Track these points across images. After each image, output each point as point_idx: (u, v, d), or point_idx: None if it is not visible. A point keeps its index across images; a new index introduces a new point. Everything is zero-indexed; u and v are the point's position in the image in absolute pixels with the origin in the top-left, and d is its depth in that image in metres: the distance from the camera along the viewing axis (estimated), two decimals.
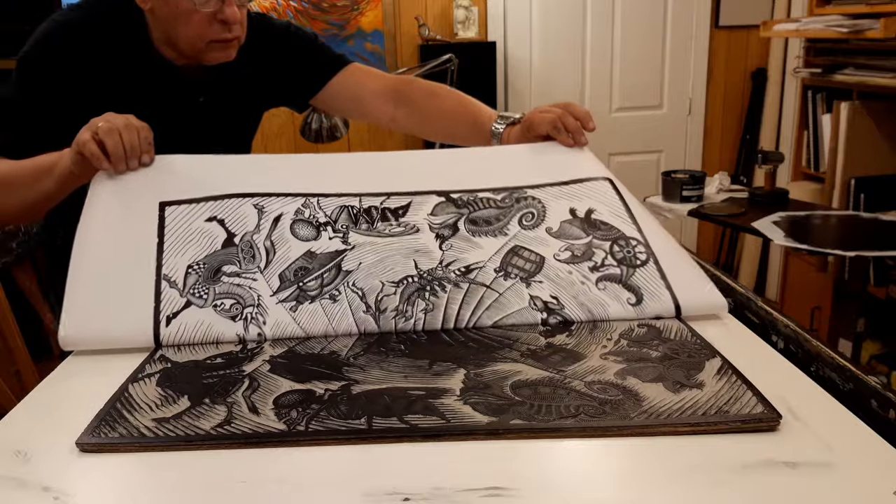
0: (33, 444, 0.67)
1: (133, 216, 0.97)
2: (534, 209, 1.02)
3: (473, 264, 0.95)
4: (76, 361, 0.86)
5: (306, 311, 0.89)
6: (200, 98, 1.23)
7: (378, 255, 0.95)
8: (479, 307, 0.91)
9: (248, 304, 0.89)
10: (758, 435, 0.65)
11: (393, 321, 0.89)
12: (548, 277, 0.94)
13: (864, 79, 2.41)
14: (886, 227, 2.02)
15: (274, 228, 0.97)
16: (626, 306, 0.91)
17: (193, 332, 0.87)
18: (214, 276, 0.91)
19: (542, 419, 0.68)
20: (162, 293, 0.89)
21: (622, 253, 0.97)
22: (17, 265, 1.81)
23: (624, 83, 3.47)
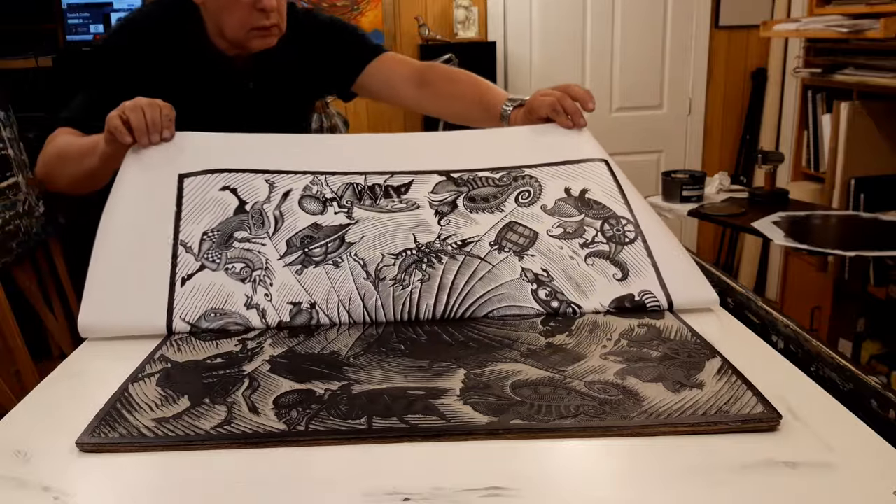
0: (33, 444, 0.67)
1: (154, 188, 1.04)
2: (530, 187, 1.07)
3: (470, 238, 0.99)
4: (76, 361, 0.86)
5: (311, 275, 0.95)
6: (250, 85, 1.33)
7: (380, 229, 1.00)
8: (472, 277, 0.95)
9: (257, 267, 0.95)
10: (758, 435, 0.65)
11: (391, 289, 0.94)
12: (540, 252, 0.98)
13: (864, 79, 2.40)
14: (886, 227, 2.02)
15: (283, 201, 1.03)
16: (612, 281, 0.96)
17: (206, 293, 0.93)
18: (227, 242, 0.98)
19: (542, 419, 0.68)
20: (178, 257, 0.96)
21: (612, 231, 1.01)
22: (17, 265, 1.81)
23: (624, 83, 3.47)
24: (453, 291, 0.94)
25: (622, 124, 3.48)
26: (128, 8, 3.08)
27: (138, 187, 1.05)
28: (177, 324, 0.91)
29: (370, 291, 0.94)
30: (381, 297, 0.93)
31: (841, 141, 2.50)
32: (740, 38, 3.48)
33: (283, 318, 0.92)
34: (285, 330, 0.91)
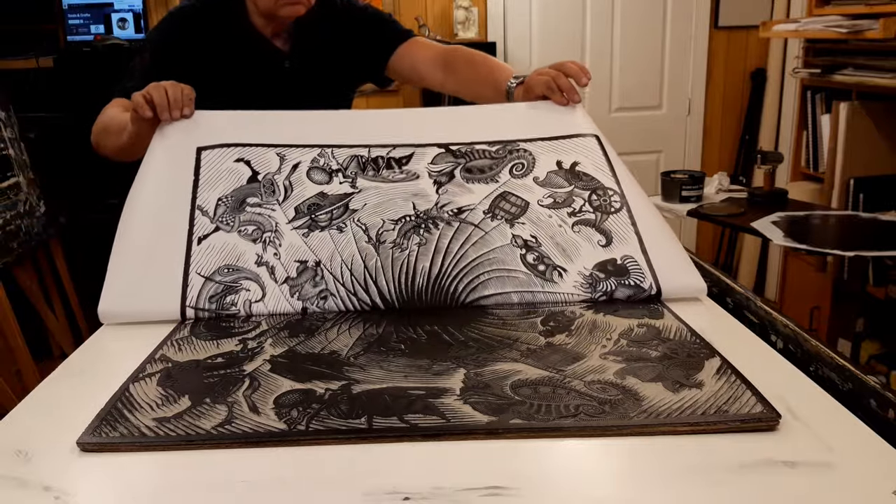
0: (34, 444, 0.67)
1: (176, 160, 1.11)
2: (524, 160, 1.13)
3: (465, 206, 1.06)
4: (77, 361, 0.86)
5: (316, 238, 1.02)
6: (286, 63, 1.41)
7: (381, 198, 1.07)
8: (466, 242, 1.02)
9: (268, 229, 1.03)
10: (757, 434, 0.66)
11: (390, 251, 1.01)
12: (530, 220, 1.05)
13: (864, 79, 2.41)
14: (885, 227, 2.02)
15: (293, 172, 1.10)
16: (597, 247, 1.02)
17: (220, 251, 1.00)
18: (240, 207, 1.05)
19: (542, 419, 0.68)
20: (195, 220, 1.04)
21: (599, 201, 1.07)
22: (18, 265, 1.82)
23: (623, 83, 3.47)
24: (448, 255, 1.01)
25: (622, 125, 3.48)
26: (128, 8, 3.08)
27: (162, 160, 1.12)
28: (192, 279, 0.98)
29: (371, 253, 1.00)
30: (380, 258, 1.00)
31: (840, 141, 2.50)
32: (740, 39, 3.48)
33: (291, 274, 0.99)
34: (286, 329, 0.91)
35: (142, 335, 0.91)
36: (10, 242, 1.83)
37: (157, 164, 1.12)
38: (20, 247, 2.23)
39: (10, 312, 2.11)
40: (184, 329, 0.92)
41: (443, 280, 0.99)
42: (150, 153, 1.14)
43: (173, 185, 1.08)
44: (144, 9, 3.10)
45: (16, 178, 2.39)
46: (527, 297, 0.98)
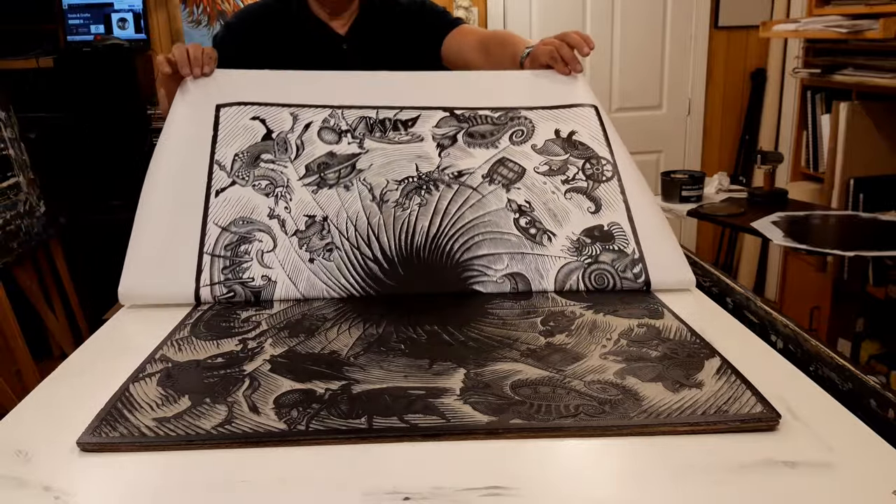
0: (34, 444, 0.67)
1: (196, 116, 1.18)
2: (524, 127, 1.18)
3: (465, 170, 1.12)
4: (77, 361, 0.86)
5: (325, 195, 1.09)
6: (343, 46, 1.51)
7: (387, 159, 1.13)
8: (464, 205, 1.08)
9: (280, 185, 1.10)
10: (757, 434, 0.66)
11: (393, 210, 1.07)
12: (525, 185, 1.11)
13: (864, 79, 2.41)
14: (885, 227, 2.02)
15: (304, 132, 1.16)
16: (586, 213, 1.08)
17: (236, 204, 1.07)
18: (254, 163, 1.12)
19: (542, 419, 0.68)
20: (213, 174, 1.10)
21: (592, 169, 1.13)
22: (18, 265, 1.81)
23: (623, 83, 3.47)
24: (446, 215, 1.07)
25: (622, 125, 3.45)
26: (128, 8, 3.08)
27: (183, 117, 1.18)
28: (210, 228, 1.05)
29: (374, 212, 1.07)
30: (383, 216, 1.07)
31: (840, 141, 2.50)
32: (740, 39, 3.48)
33: (300, 227, 1.06)
34: (286, 329, 0.91)
35: (142, 335, 0.91)
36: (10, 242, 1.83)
37: (179, 121, 1.18)
38: (20, 247, 2.23)
39: (10, 312, 2.11)
40: (184, 329, 0.92)
41: (440, 239, 1.05)
42: (172, 110, 1.20)
43: (193, 140, 1.14)
44: (144, 9, 3.10)
45: (16, 178, 2.39)
46: (516, 258, 1.04)
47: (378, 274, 1.03)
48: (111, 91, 2.89)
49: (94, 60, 2.88)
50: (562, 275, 1.03)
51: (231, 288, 1.01)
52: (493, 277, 1.03)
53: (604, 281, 1.03)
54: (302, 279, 1.02)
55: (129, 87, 2.91)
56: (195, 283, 1.01)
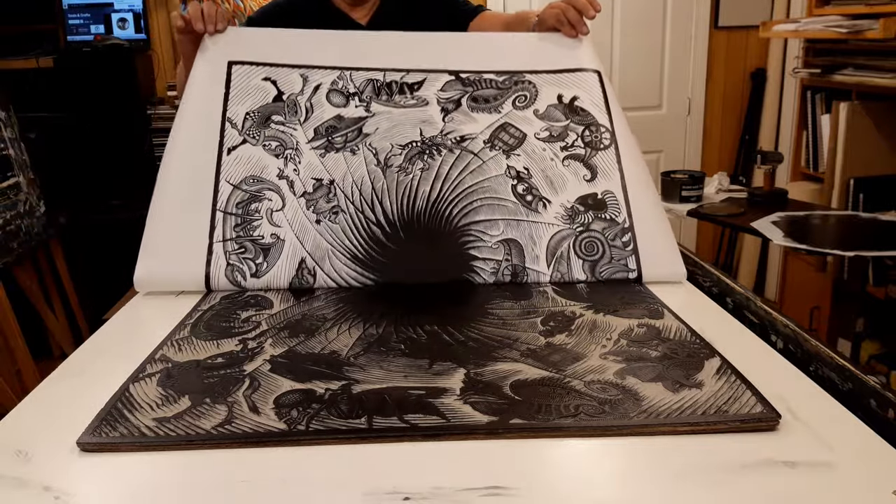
0: (34, 444, 0.67)
1: (210, 73, 1.21)
2: (527, 92, 1.20)
3: (467, 135, 1.15)
4: (77, 361, 0.86)
5: (332, 158, 1.13)
6: None
7: (392, 123, 1.16)
8: (465, 170, 1.11)
9: (289, 147, 1.13)
10: (757, 434, 0.66)
11: (396, 175, 1.11)
12: (525, 152, 1.14)
13: (863, 79, 2.41)
14: (885, 227, 2.02)
15: (314, 94, 1.19)
16: (582, 181, 1.11)
17: (247, 162, 1.11)
18: (265, 123, 1.15)
19: (542, 418, 0.68)
20: (225, 132, 1.14)
21: (591, 136, 1.15)
22: (18, 265, 1.81)
23: (623, 83, 3.47)
24: (447, 181, 1.11)
25: None
26: (128, 8, 3.08)
27: (199, 74, 1.22)
28: (222, 186, 1.09)
29: (378, 176, 1.11)
30: (387, 181, 1.10)
31: (840, 141, 2.50)
32: (739, 39, 3.48)
33: (308, 189, 1.10)
34: (286, 329, 0.91)
35: (142, 335, 0.91)
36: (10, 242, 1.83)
37: (196, 78, 1.21)
38: (20, 247, 2.23)
39: (10, 312, 2.11)
40: (184, 329, 0.92)
41: (440, 204, 1.09)
42: (193, 69, 1.23)
43: (208, 97, 1.18)
44: (144, 9, 3.10)
45: (16, 178, 2.39)
46: (512, 224, 1.08)
47: (381, 237, 1.07)
48: (111, 91, 2.89)
49: (94, 60, 2.88)
50: (553, 242, 1.07)
51: (242, 244, 1.06)
52: (489, 243, 1.07)
53: (593, 249, 1.07)
54: (308, 239, 1.07)
55: (129, 87, 2.90)
56: (205, 268, 1.05)
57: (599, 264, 1.06)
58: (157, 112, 2.96)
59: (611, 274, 1.06)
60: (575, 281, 1.05)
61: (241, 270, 1.05)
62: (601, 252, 1.06)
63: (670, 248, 1.10)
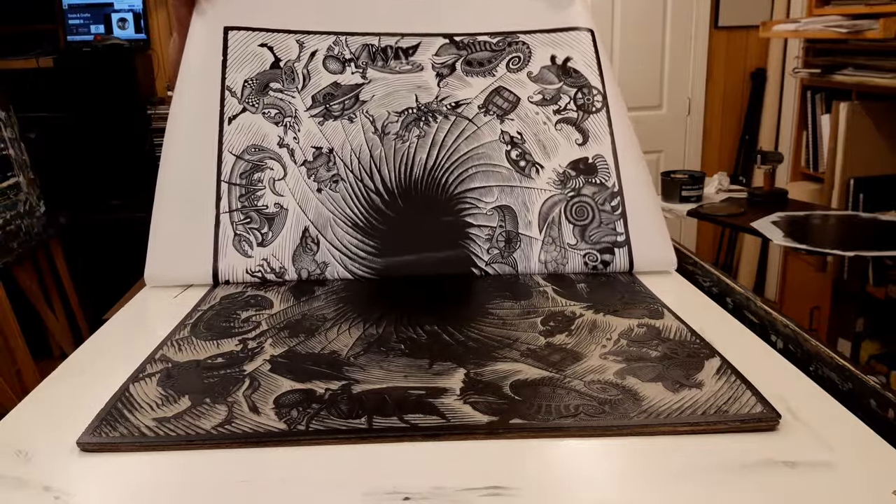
0: (34, 444, 0.67)
1: (205, 40, 1.20)
2: (521, 53, 1.21)
3: (462, 100, 1.17)
4: (77, 361, 0.86)
5: (330, 126, 1.14)
6: None
7: (388, 90, 1.18)
8: (460, 136, 1.14)
9: (288, 114, 1.14)
10: (757, 434, 0.66)
11: (393, 142, 1.13)
12: (518, 116, 1.15)
13: (864, 79, 2.41)
14: (885, 227, 2.02)
15: (310, 61, 1.20)
16: (573, 145, 1.13)
17: (247, 131, 1.13)
18: (264, 90, 1.16)
19: (542, 419, 0.68)
20: (225, 101, 1.15)
21: (583, 99, 1.17)
22: (18, 265, 1.81)
23: (623, 83, 3.46)
24: (443, 148, 1.12)
25: None
26: (128, 8, 3.08)
27: (195, 40, 1.21)
28: (225, 157, 1.11)
29: (376, 144, 1.13)
30: (384, 149, 1.12)
31: (840, 141, 2.50)
32: (739, 39, 3.48)
33: (308, 157, 1.12)
34: (286, 329, 0.91)
35: (142, 335, 0.91)
36: (10, 242, 1.82)
37: (193, 45, 1.21)
38: (20, 247, 2.23)
39: (10, 312, 2.11)
40: (184, 329, 0.92)
41: (436, 172, 1.11)
42: (189, 35, 1.23)
43: (206, 65, 1.18)
44: (144, 9, 3.10)
45: (16, 178, 2.39)
46: (506, 190, 1.11)
47: (380, 206, 1.10)
48: (111, 91, 2.89)
49: (94, 60, 2.88)
50: (546, 207, 1.10)
51: (247, 214, 1.08)
52: (484, 210, 1.11)
53: (584, 214, 1.10)
54: (311, 208, 1.09)
55: (129, 87, 2.91)
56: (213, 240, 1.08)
57: (589, 228, 1.10)
58: (157, 112, 2.96)
59: (599, 238, 1.10)
60: (566, 245, 1.10)
61: (247, 240, 1.08)
62: (591, 216, 1.10)
63: (655, 213, 1.14)
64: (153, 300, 1.07)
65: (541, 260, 1.09)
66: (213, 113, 1.14)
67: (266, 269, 1.08)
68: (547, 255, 1.09)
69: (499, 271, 1.09)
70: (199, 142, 1.12)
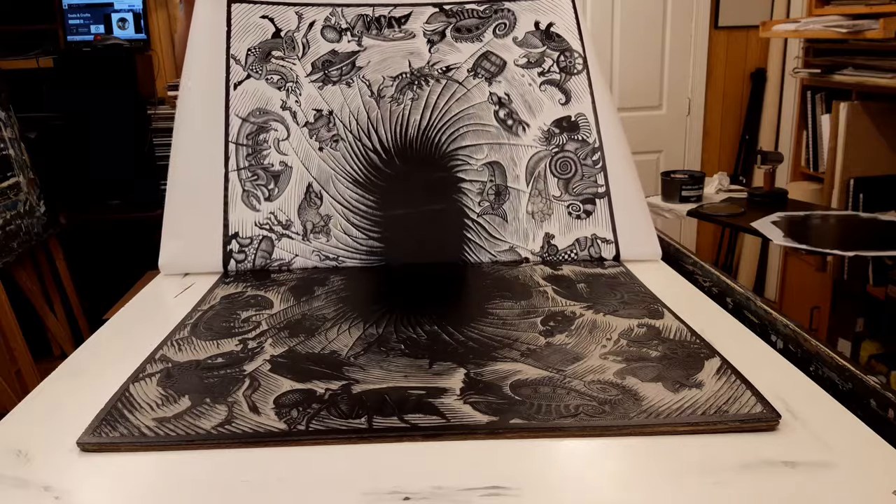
0: (34, 444, 0.67)
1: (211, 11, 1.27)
2: (506, 20, 1.28)
3: (452, 64, 1.24)
4: (77, 361, 0.86)
5: (329, 91, 1.22)
6: None
7: (383, 56, 1.25)
8: (451, 98, 1.21)
9: (290, 80, 1.22)
10: (757, 434, 0.66)
11: (388, 105, 1.21)
12: (506, 78, 1.24)
13: (863, 79, 2.41)
14: (885, 227, 2.02)
15: (309, 30, 1.26)
16: (557, 105, 1.22)
17: (252, 96, 1.20)
18: (266, 58, 1.24)
19: (542, 418, 0.68)
20: (231, 68, 1.22)
21: (565, 62, 1.25)
22: (19, 265, 1.81)
23: (623, 83, 3.48)
24: (435, 109, 1.21)
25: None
26: (128, 8, 3.08)
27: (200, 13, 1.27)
28: (232, 120, 1.19)
29: (373, 106, 1.21)
30: (381, 111, 1.20)
31: (840, 141, 2.50)
32: (739, 39, 3.48)
33: (309, 119, 1.20)
34: (286, 329, 0.91)
35: (142, 335, 0.91)
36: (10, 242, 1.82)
37: (199, 18, 1.28)
38: (20, 247, 2.23)
39: (10, 312, 2.11)
40: (184, 329, 0.92)
41: (430, 132, 1.20)
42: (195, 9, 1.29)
43: (212, 35, 1.25)
44: (144, 9, 3.10)
45: (16, 178, 2.39)
46: (495, 147, 1.20)
47: (378, 163, 1.18)
48: (111, 91, 2.89)
49: (94, 60, 2.88)
50: (532, 162, 1.19)
51: (254, 172, 1.17)
52: (475, 166, 1.19)
53: (567, 168, 1.19)
54: (313, 165, 1.18)
55: (129, 87, 2.90)
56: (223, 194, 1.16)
57: (572, 181, 1.19)
58: (157, 112, 2.96)
59: (582, 189, 1.18)
60: (551, 196, 1.19)
61: (255, 195, 1.17)
62: (574, 170, 1.19)
63: (632, 165, 1.23)
64: (154, 300, 1.07)
65: (528, 211, 1.18)
66: (219, 80, 1.21)
67: (273, 221, 1.15)
68: (534, 206, 1.18)
69: (490, 222, 1.17)
70: (209, 107, 1.20)
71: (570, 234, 1.17)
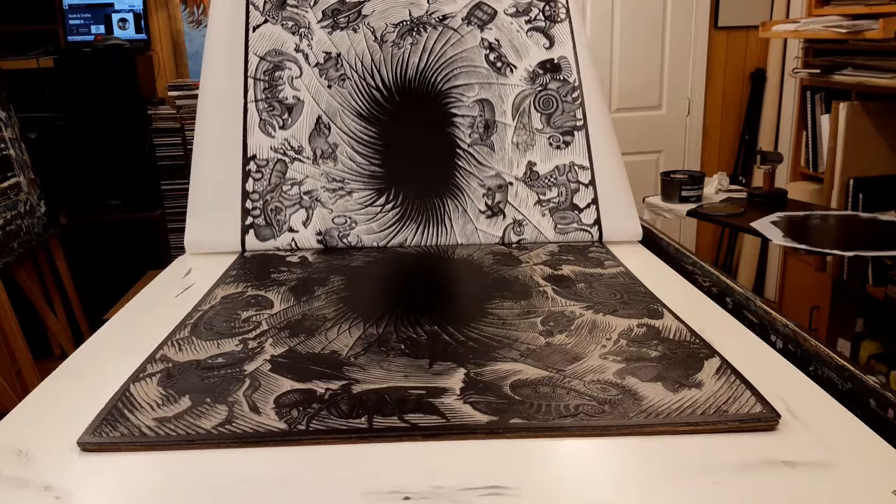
0: (34, 444, 0.67)
1: None
2: None
3: (448, 14, 1.36)
4: (77, 361, 0.86)
5: (337, 35, 1.35)
6: None
7: (386, 6, 1.37)
8: (446, 43, 1.34)
9: (303, 26, 1.35)
10: (756, 434, 0.66)
11: (390, 49, 1.34)
12: (496, 26, 1.36)
13: (863, 79, 2.41)
14: (885, 227, 2.02)
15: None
16: (542, 49, 1.35)
17: (269, 38, 1.34)
18: (282, 5, 1.36)
19: (542, 418, 0.68)
20: (250, 13, 1.35)
21: (550, 11, 1.37)
22: (19, 265, 1.81)
23: (623, 84, 3.47)
24: (432, 52, 1.34)
25: (621, 125, 3.47)
26: (128, 8, 3.08)
27: None
28: (251, 60, 1.32)
29: (376, 50, 1.34)
30: (383, 54, 1.33)
31: (839, 141, 2.50)
32: (739, 39, 3.48)
33: (319, 60, 1.33)
34: (286, 329, 0.91)
35: (142, 335, 0.91)
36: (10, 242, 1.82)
37: None
38: (20, 247, 2.23)
39: (10, 312, 2.11)
40: (184, 329, 0.92)
41: (427, 72, 1.33)
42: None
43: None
44: (144, 9, 3.10)
45: (16, 178, 2.39)
46: (485, 86, 1.33)
47: (380, 100, 1.32)
48: (111, 91, 2.89)
49: (94, 60, 2.88)
50: (518, 99, 1.33)
51: (270, 103, 1.31)
52: (467, 103, 1.33)
53: (549, 104, 1.32)
54: (323, 100, 1.32)
55: (129, 87, 2.90)
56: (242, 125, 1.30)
57: (554, 116, 1.30)
58: (157, 112, 2.96)
59: (562, 123, 1.31)
60: (534, 129, 1.31)
61: (271, 124, 1.30)
62: (555, 106, 1.31)
63: (604, 103, 1.35)
64: (154, 300, 1.07)
65: (513, 142, 1.31)
66: (239, 22, 1.35)
67: (287, 146, 1.30)
68: (518, 137, 1.32)
69: (479, 152, 1.30)
70: (230, 45, 1.34)
71: (551, 161, 1.31)
